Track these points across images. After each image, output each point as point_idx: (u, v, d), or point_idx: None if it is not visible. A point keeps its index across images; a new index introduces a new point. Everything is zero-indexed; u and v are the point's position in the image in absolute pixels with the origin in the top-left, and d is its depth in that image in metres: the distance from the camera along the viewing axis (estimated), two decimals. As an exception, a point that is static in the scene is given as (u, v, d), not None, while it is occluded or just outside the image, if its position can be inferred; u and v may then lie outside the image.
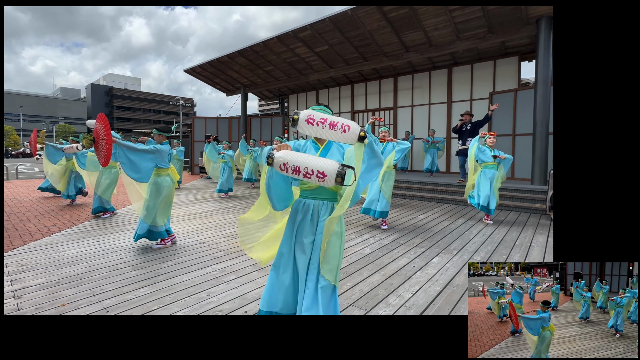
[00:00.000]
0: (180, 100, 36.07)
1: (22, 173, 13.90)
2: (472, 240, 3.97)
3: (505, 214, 5.59)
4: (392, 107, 10.94)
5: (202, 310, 2.19)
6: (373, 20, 7.39)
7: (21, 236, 3.98)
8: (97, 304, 2.26)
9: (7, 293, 2.42)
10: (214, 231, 4.32)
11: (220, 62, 11.27)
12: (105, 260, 3.15)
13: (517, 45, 7.91)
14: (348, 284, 2.65)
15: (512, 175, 7.28)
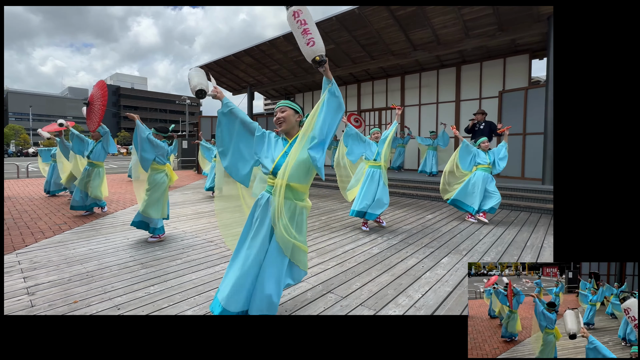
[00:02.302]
0: (187, 100, 36.34)
1: (32, 172, 14.12)
2: (482, 241, 3.92)
3: (515, 214, 5.51)
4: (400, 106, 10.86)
5: (211, 308, 2.19)
6: (380, 18, 7.34)
7: (33, 234, 4.03)
8: (109, 301, 2.28)
9: (20, 290, 2.45)
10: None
11: (227, 62, 11.31)
12: (115, 258, 3.18)
13: (528, 42, 7.78)
14: (357, 284, 2.63)
15: (523, 175, 7.18)
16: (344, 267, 2.99)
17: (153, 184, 3.80)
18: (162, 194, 3.85)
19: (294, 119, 1.89)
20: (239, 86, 13.45)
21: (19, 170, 12.80)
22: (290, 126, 1.88)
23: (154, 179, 3.82)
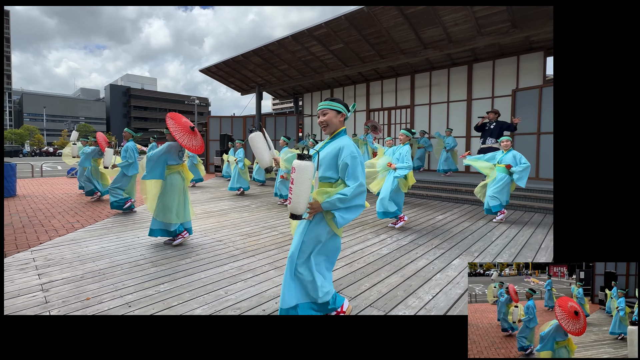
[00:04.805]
0: (196, 100, 36.74)
1: (46, 171, 14.47)
2: (494, 243, 3.83)
3: (529, 215, 5.38)
4: (409, 106, 10.75)
5: (220, 307, 2.19)
6: (390, 17, 7.26)
7: (47, 232, 4.11)
8: (120, 298, 2.30)
9: (35, 286, 2.49)
10: (230, 229, 4.34)
11: (236, 62, 11.37)
12: (126, 256, 3.21)
13: (542, 40, 7.59)
14: (366, 285, 2.59)
15: (537, 175, 7.01)
16: (352, 268, 2.96)
17: (167, 187, 3.52)
18: (179, 196, 3.56)
19: (337, 120, 1.87)
20: (247, 86, 13.51)
21: (34, 169, 13.12)
22: (334, 128, 1.88)
23: (168, 180, 3.54)
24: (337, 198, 1.69)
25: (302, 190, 1.62)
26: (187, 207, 3.66)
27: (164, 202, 3.51)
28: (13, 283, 2.54)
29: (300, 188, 1.62)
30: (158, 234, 3.57)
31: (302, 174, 1.62)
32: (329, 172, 1.84)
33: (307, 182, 1.62)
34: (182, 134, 3.29)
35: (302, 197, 1.63)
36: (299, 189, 1.62)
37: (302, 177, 1.62)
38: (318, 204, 1.73)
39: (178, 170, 3.62)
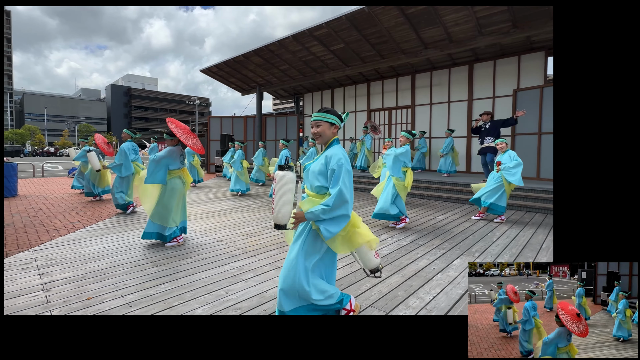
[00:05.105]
0: (196, 100, 36.77)
1: (47, 171, 14.51)
2: (495, 243, 3.83)
3: (530, 215, 5.37)
4: (410, 106, 10.74)
5: (221, 307, 2.19)
6: (391, 17, 7.26)
7: (48, 232, 4.12)
8: (121, 298, 2.30)
9: (36, 286, 2.50)
10: (230, 229, 4.35)
11: (236, 62, 11.37)
12: (127, 256, 3.22)
13: (543, 40, 7.59)
14: (366, 285, 2.59)
15: (538, 175, 7.00)
16: (353, 268, 2.96)
17: (167, 191, 3.54)
18: (178, 200, 3.60)
19: (330, 132, 1.85)
20: (248, 86, 13.51)
21: (35, 169, 13.15)
22: (326, 139, 1.87)
23: (169, 185, 3.56)
24: (320, 209, 1.65)
25: (283, 200, 1.66)
26: (184, 210, 3.76)
27: (163, 205, 3.55)
28: (14, 283, 2.55)
29: (281, 198, 1.66)
30: (152, 237, 3.57)
31: (283, 183, 1.67)
32: (319, 182, 1.80)
33: (287, 192, 1.66)
34: (186, 135, 3.43)
35: (284, 206, 1.66)
36: (280, 198, 1.66)
37: (282, 187, 1.67)
38: (302, 214, 1.70)
39: (179, 174, 3.66)
